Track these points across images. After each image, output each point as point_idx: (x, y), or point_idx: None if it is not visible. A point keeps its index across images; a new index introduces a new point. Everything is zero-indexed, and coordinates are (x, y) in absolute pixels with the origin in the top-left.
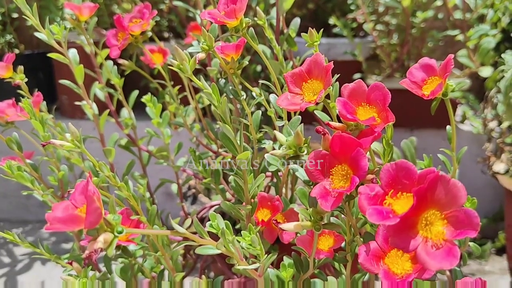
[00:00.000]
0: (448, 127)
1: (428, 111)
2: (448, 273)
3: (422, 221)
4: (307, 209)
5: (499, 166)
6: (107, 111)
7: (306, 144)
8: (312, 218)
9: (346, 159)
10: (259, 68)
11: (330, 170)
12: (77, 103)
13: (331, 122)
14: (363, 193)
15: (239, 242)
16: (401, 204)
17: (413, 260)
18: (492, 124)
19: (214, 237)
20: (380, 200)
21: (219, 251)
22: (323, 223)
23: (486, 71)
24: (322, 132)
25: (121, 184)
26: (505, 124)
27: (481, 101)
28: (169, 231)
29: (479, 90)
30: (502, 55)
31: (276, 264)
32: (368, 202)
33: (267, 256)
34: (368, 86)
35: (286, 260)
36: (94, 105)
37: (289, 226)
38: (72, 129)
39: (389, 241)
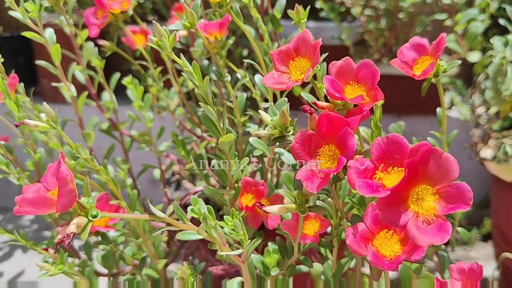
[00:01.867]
0: (438, 109)
1: (416, 97)
2: (436, 258)
3: (413, 196)
4: (292, 192)
5: (486, 152)
6: (86, 93)
7: (292, 126)
8: (297, 200)
9: (334, 139)
10: (245, 52)
11: (317, 151)
12: (54, 84)
13: (318, 101)
14: (353, 167)
15: (222, 227)
16: (392, 179)
17: (402, 242)
18: (480, 110)
19: (197, 222)
20: (370, 174)
21: (201, 237)
22: (308, 206)
23: (474, 56)
24: (309, 111)
25: (100, 168)
26: (493, 110)
27: (469, 87)
28: (147, 215)
29: (467, 75)
30: (491, 40)
31: (261, 250)
32: (357, 176)
33: (250, 242)
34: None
35: (271, 245)
36: (72, 87)
37: (273, 209)
38: (47, 109)
39: (379, 215)
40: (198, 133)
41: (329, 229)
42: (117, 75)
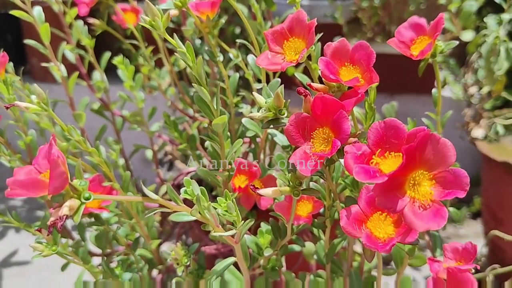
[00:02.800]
0: (434, 90)
1: (409, 76)
2: (427, 237)
3: (410, 181)
4: (286, 175)
5: (477, 132)
6: (77, 73)
7: (285, 107)
8: (291, 183)
9: (328, 122)
10: (238, 30)
11: (311, 134)
12: (44, 64)
13: (312, 83)
14: (350, 152)
15: (215, 208)
16: (389, 164)
17: (396, 224)
18: (472, 90)
19: (190, 203)
20: (366, 159)
21: (194, 218)
22: (302, 188)
23: (467, 35)
24: (303, 94)
25: (92, 150)
26: (485, 90)
27: (461, 66)
28: (140, 197)
29: (460, 55)
30: (485, 19)
31: (254, 231)
32: (354, 161)
33: (243, 223)
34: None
35: (264, 226)
36: (62, 67)
37: (267, 191)
38: (38, 91)
39: (376, 201)
40: (190, 113)
41: (321, 210)
42: (107, 54)
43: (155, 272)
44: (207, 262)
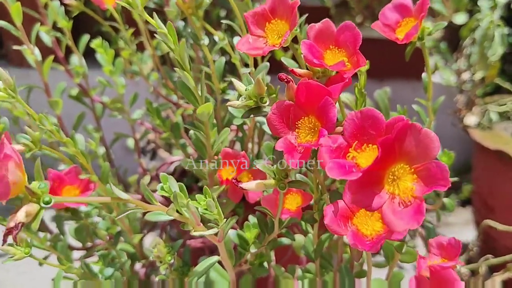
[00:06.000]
0: (424, 75)
1: (398, 61)
2: (421, 229)
3: (389, 176)
4: (272, 166)
5: (470, 119)
6: (52, 57)
7: (274, 94)
8: (277, 176)
9: (313, 110)
10: (223, 13)
11: (296, 123)
12: (16, 47)
13: (295, 69)
14: (324, 145)
15: (197, 208)
16: (366, 157)
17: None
18: (465, 76)
19: (169, 200)
20: (343, 153)
21: (171, 218)
22: (288, 181)
23: (460, 18)
24: (286, 80)
25: (67, 140)
26: (478, 76)
27: (453, 50)
28: (109, 198)
29: (451, 39)
30: (478, 2)
31: (242, 223)
32: (329, 155)
33: (226, 221)
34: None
35: (252, 219)
36: (37, 50)
37: (250, 185)
38: (3, 76)
39: (351, 198)
40: (174, 100)
41: (312, 202)
42: (86, 37)
43: (139, 265)
44: (193, 256)
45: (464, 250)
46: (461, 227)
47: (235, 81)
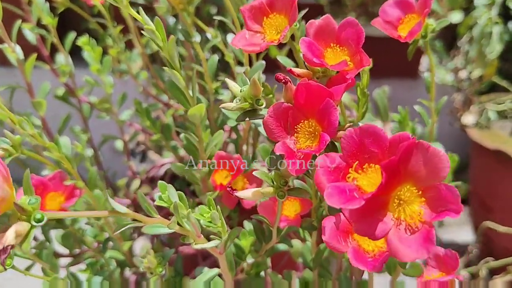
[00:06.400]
0: (426, 74)
1: (392, 59)
2: None
3: (394, 200)
4: (268, 172)
5: (468, 118)
6: (34, 55)
7: (271, 95)
8: (275, 183)
9: (314, 113)
10: (214, 10)
11: (295, 127)
12: None
13: (294, 68)
14: (321, 166)
15: (199, 220)
16: (369, 179)
17: None
18: (462, 74)
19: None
20: (342, 174)
21: (171, 231)
22: (288, 188)
23: (456, 16)
24: (283, 80)
25: (50, 145)
26: (476, 74)
27: (448, 48)
28: (107, 212)
29: (446, 37)
30: (475, 1)
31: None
32: (327, 177)
33: (230, 232)
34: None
35: (247, 225)
36: (18, 48)
37: (246, 194)
38: None
39: (353, 227)
40: (164, 100)
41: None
42: (72, 35)
43: (129, 272)
44: (185, 262)
45: (463, 251)
46: (458, 227)
47: (229, 81)
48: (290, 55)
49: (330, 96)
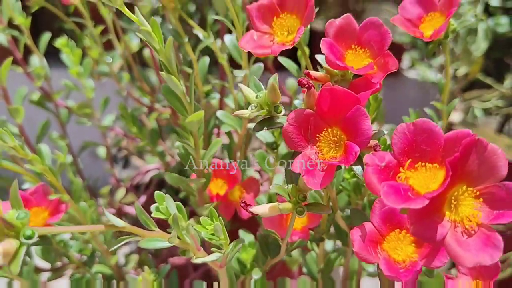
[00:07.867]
0: (440, 76)
1: None
2: None
3: (450, 201)
4: (284, 186)
5: (454, 116)
6: (10, 58)
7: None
8: (293, 198)
9: (338, 121)
10: (192, 8)
11: (316, 135)
12: None
13: (311, 71)
14: (371, 165)
15: (199, 231)
16: (421, 178)
17: (416, 243)
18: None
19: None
20: (392, 173)
21: (170, 245)
22: (306, 203)
23: None
24: (307, 85)
25: (33, 157)
26: (461, 71)
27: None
28: (103, 226)
29: None
30: None
31: (230, 236)
32: (378, 176)
33: (232, 245)
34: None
35: (245, 236)
36: None
37: (262, 210)
38: None
39: (410, 230)
40: (146, 103)
41: None
42: (47, 36)
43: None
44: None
45: None
46: None
47: (243, 87)
48: (291, 55)
49: (358, 102)
